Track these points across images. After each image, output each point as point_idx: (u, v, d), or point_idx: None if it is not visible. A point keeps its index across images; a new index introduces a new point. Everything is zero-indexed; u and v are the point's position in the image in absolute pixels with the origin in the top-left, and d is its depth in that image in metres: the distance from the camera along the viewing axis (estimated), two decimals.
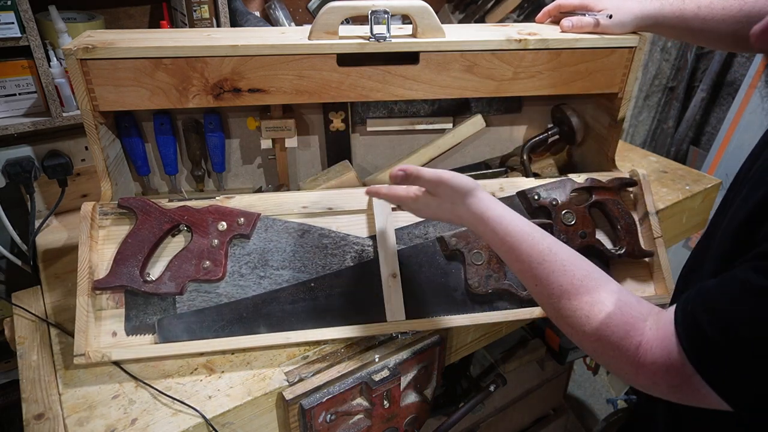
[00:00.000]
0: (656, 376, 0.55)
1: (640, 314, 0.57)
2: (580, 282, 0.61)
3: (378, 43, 0.85)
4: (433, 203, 0.74)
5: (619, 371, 0.59)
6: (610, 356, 0.58)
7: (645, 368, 0.55)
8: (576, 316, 0.60)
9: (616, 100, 0.99)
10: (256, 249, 0.86)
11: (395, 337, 0.85)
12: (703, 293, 0.54)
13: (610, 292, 0.60)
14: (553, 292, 0.62)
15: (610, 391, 2.07)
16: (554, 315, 0.64)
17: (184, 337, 0.81)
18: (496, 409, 1.41)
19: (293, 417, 0.79)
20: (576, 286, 0.61)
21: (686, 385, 0.53)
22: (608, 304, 0.59)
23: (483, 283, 0.88)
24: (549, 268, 0.63)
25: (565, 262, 0.63)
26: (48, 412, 0.74)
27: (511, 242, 0.66)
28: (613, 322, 0.58)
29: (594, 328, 0.58)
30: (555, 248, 0.64)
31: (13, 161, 1.04)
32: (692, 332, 0.52)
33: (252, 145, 1.05)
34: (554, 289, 0.62)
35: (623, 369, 0.58)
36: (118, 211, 0.85)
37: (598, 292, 0.60)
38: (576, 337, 0.62)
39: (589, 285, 0.61)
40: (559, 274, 0.62)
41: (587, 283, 0.61)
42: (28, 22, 0.94)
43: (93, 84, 0.81)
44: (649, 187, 0.98)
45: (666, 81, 2.47)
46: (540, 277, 0.64)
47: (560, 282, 0.62)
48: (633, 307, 0.58)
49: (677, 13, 0.90)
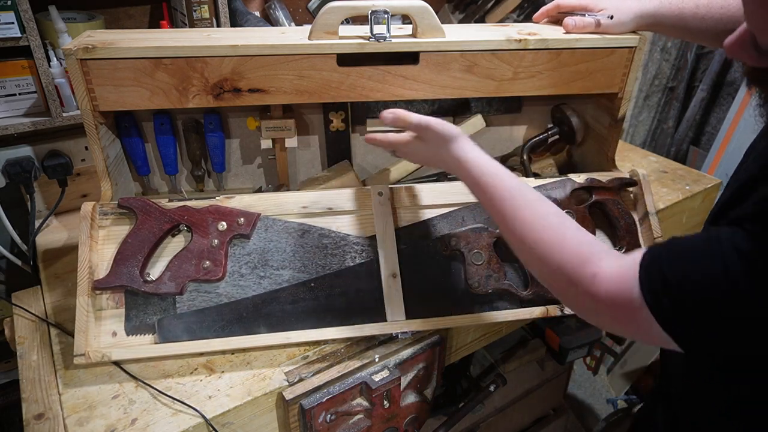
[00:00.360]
0: (606, 306, 0.59)
1: (597, 250, 0.62)
2: (544, 218, 0.67)
3: (378, 43, 0.85)
4: (421, 147, 0.81)
5: (573, 300, 0.64)
6: (566, 285, 0.63)
7: (597, 297, 0.59)
8: (538, 248, 0.65)
9: (616, 100, 0.99)
10: (256, 249, 0.86)
11: (395, 337, 0.85)
12: (674, 239, 0.58)
13: (570, 228, 0.66)
14: (518, 225, 0.68)
15: (610, 391, 2.07)
16: (518, 248, 0.69)
17: (184, 337, 0.81)
18: (496, 409, 1.41)
19: (293, 417, 0.79)
20: (539, 222, 0.67)
21: (632, 318, 0.57)
22: (568, 238, 0.64)
23: (483, 283, 0.88)
24: (516, 204, 0.69)
25: (531, 200, 0.69)
26: (48, 412, 0.74)
27: (485, 182, 0.72)
28: (571, 253, 0.63)
29: (554, 258, 0.63)
30: (523, 189, 0.70)
31: (13, 161, 1.04)
32: (651, 270, 0.56)
33: (252, 145, 1.05)
34: (518, 222, 0.68)
35: (576, 298, 0.62)
36: (118, 211, 0.85)
37: (559, 228, 0.65)
38: (537, 267, 0.67)
39: (552, 221, 0.66)
40: (524, 210, 0.68)
41: (551, 219, 0.67)
42: (28, 22, 0.94)
43: (93, 84, 0.81)
44: (649, 187, 0.98)
45: (666, 81, 2.47)
46: (507, 213, 0.69)
47: (525, 216, 0.68)
48: (591, 243, 0.64)
49: (676, 12, 0.90)
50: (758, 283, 0.49)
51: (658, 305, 0.54)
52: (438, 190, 0.93)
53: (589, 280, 0.60)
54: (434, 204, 0.93)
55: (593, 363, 2.11)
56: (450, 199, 0.93)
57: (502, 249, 0.91)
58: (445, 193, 0.93)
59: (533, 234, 0.66)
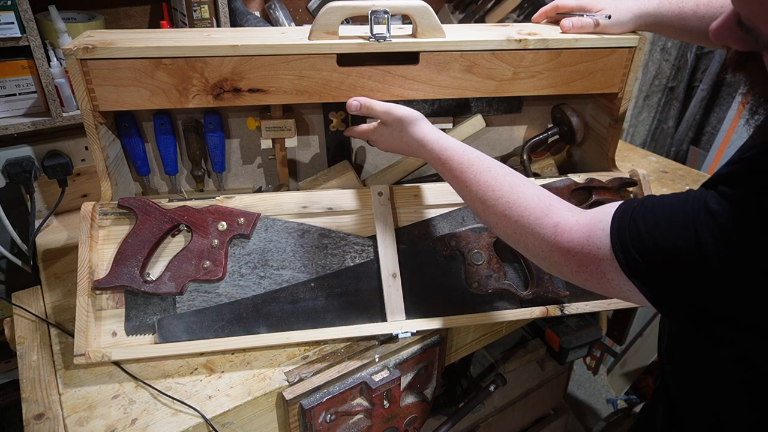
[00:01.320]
0: (569, 254, 0.61)
1: (557, 202, 0.65)
2: (503, 178, 0.70)
3: (378, 43, 0.85)
4: (386, 132, 0.85)
5: (536, 252, 0.66)
6: (528, 234, 0.65)
7: (559, 246, 0.61)
8: (499, 205, 0.68)
9: (616, 100, 0.99)
10: (256, 249, 0.86)
11: (395, 337, 0.85)
12: (649, 197, 0.59)
13: (529, 185, 0.68)
14: (480, 188, 0.71)
15: (610, 391, 2.07)
16: (482, 211, 0.71)
17: (184, 337, 0.81)
18: (496, 409, 1.41)
19: (293, 417, 0.79)
20: (500, 181, 0.70)
21: (595, 268, 0.59)
22: (527, 193, 0.67)
23: (483, 283, 0.88)
24: (476, 169, 0.72)
25: (490, 165, 0.72)
26: (48, 412, 0.74)
27: (446, 156, 0.76)
28: (531, 206, 0.65)
29: (515, 212, 0.66)
30: (482, 156, 0.74)
31: (13, 161, 1.04)
32: (624, 225, 0.57)
33: (252, 145, 1.05)
34: (480, 185, 0.71)
35: (539, 248, 0.64)
36: (118, 211, 0.85)
37: (518, 186, 0.68)
38: (500, 225, 0.69)
39: (511, 180, 0.70)
40: (484, 174, 0.71)
41: (510, 178, 0.70)
42: (28, 22, 0.94)
43: (93, 84, 0.81)
44: (649, 187, 0.98)
45: (666, 81, 2.47)
46: (469, 179, 0.72)
47: (486, 179, 0.71)
48: (551, 198, 0.66)
49: (676, 12, 0.90)
50: (727, 242, 0.50)
51: (629, 260, 0.55)
52: (438, 190, 0.93)
53: (552, 230, 0.62)
54: (434, 204, 0.93)
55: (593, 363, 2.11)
56: (450, 199, 0.93)
57: (502, 249, 0.91)
58: (445, 193, 0.93)
59: (494, 193, 0.69)
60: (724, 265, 0.50)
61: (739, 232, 0.50)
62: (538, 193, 0.67)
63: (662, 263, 0.54)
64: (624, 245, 0.56)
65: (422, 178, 1.11)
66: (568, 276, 0.63)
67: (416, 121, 0.81)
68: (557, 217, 0.63)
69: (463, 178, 0.73)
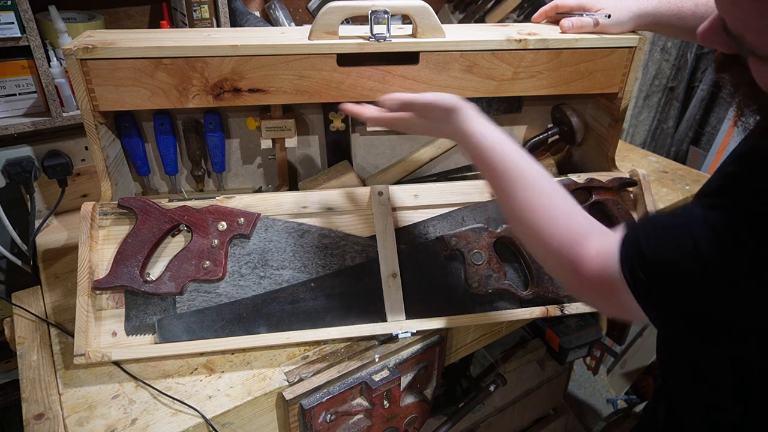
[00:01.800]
0: (589, 283, 0.60)
1: (588, 229, 0.63)
2: (541, 196, 0.67)
3: (378, 43, 0.85)
4: (423, 122, 0.79)
5: (561, 276, 0.65)
6: (553, 260, 0.65)
7: (582, 275, 0.61)
8: (534, 226, 0.66)
9: (616, 100, 0.99)
10: (256, 249, 0.86)
11: (395, 337, 0.85)
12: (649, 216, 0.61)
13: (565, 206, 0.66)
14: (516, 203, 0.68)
15: (610, 391, 2.07)
16: (514, 224, 0.70)
17: (184, 337, 0.81)
18: (496, 409, 1.41)
19: (293, 417, 0.79)
20: (536, 199, 0.67)
21: (613, 295, 0.58)
22: (560, 218, 0.65)
23: (483, 283, 0.88)
24: (514, 178, 0.69)
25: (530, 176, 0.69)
26: (48, 412, 0.74)
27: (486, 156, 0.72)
28: (561, 233, 0.64)
29: (545, 234, 0.65)
30: (524, 164, 0.70)
31: (13, 161, 1.04)
32: (629, 246, 0.57)
33: (252, 145, 1.05)
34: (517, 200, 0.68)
35: (565, 274, 0.64)
36: (118, 211, 0.85)
37: (553, 210, 0.66)
38: (529, 242, 0.68)
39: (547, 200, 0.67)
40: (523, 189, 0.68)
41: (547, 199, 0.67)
42: (28, 22, 0.94)
43: (93, 84, 0.81)
44: (649, 187, 0.98)
45: (666, 81, 2.47)
46: (506, 189, 0.70)
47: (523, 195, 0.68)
48: (583, 222, 0.64)
49: (675, 11, 0.90)
50: (723, 252, 0.51)
51: (634, 279, 0.56)
52: (438, 190, 0.93)
53: (576, 260, 0.61)
54: (434, 204, 0.93)
55: (593, 363, 2.11)
56: (450, 199, 0.93)
57: (502, 249, 0.91)
58: (445, 193, 0.93)
59: (529, 213, 0.67)
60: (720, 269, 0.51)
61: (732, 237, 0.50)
62: (571, 217, 0.65)
63: (662, 275, 0.54)
64: (631, 267, 0.56)
65: (422, 178, 1.11)
66: (593, 305, 0.64)
67: (458, 110, 0.75)
68: (583, 247, 0.62)
69: (500, 185, 0.70)
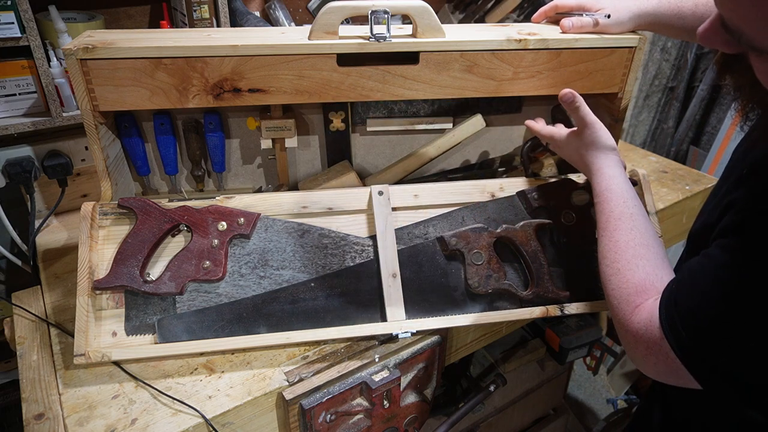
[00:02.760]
0: (637, 339, 0.61)
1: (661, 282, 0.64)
2: (635, 243, 0.70)
3: (378, 43, 0.85)
4: (574, 142, 0.87)
5: (617, 326, 0.66)
6: (615, 305, 0.66)
7: (632, 330, 0.62)
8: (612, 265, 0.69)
9: (616, 100, 0.99)
10: (256, 249, 0.86)
11: (395, 337, 0.85)
12: (684, 271, 0.59)
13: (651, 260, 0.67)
14: (609, 242, 0.72)
15: (610, 391, 2.07)
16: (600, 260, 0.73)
17: (184, 337, 0.81)
18: (496, 409, 1.41)
19: (293, 417, 0.79)
20: (628, 245, 0.70)
21: (660, 353, 0.58)
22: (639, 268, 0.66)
23: (483, 283, 0.88)
24: (619, 223, 0.73)
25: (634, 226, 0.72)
26: (48, 412, 0.74)
27: (606, 196, 0.77)
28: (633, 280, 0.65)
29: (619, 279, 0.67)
30: (636, 215, 0.73)
31: (13, 161, 1.04)
32: (668, 303, 0.58)
33: (252, 145, 1.05)
34: (612, 239, 0.72)
35: (619, 325, 0.65)
36: (118, 211, 0.85)
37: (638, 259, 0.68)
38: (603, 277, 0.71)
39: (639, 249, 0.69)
40: (623, 232, 0.71)
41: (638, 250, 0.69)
42: (28, 22, 0.94)
43: (93, 84, 0.81)
44: (649, 187, 0.98)
45: (666, 81, 2.47)
46: (609, 228, 0.73)
47: (618, 237, 0.71)
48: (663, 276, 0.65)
49: (675, 11, 0.90)
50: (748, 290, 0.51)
51: (676, 337, 0.55)
52: (438, 190, 0.93)
53: (630, 312, 0.62)
54: (434, 204, 0.92)
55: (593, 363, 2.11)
56: (450, 199, 0.93)
57: (502, 249, 0.91)
58: (445, 193, 0.93)
59: (615, 254, 0.70)
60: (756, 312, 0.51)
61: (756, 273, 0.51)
62: (652, 269, 0.66)
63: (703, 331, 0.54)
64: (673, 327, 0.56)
65: (422, 178, 1.11)
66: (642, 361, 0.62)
67: (607, 150, 0.83)
68: (641, 299, 0.63)
69: (606, 225, 0.74)
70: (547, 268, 0.89)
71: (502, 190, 0.95)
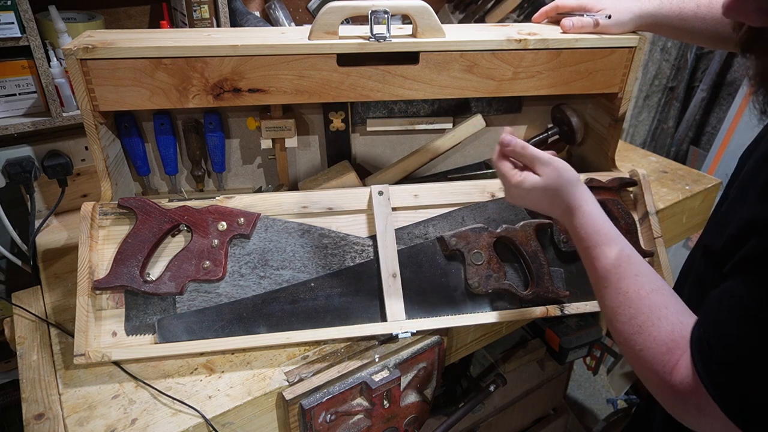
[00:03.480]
0: (686, 403, 0.54)
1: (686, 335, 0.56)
2: (646, 294, 0.60)
3: (378, 43, 0.85)
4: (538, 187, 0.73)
5: (655, 391, 0.58)
6: (647, 368, 0.58)
7: (679, 394, 0.55)
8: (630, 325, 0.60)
9: (616, 100, 0.99)
10: (256, 249, 0.86)
11: (395, 337, 0.85)
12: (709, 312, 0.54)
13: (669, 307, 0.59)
14: (617, 298, 0.62)
15: (610, 391, 2.07)
16: (609, 318, 0.63)
17: (184, 337, 0.81)
18: (496, 409, 1.41)
19: (293, 417, 0.79)
20: (640, 298, 0.60)
21: (709, 407, 0.52)
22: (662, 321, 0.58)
23: (483, 283, 0.88)
24: (621, 273, 0.63)
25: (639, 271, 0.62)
26: (48, 412, 0.74)
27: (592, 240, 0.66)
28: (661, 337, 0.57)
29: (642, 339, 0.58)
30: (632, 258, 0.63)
31: (13, 161, 1.04)
32: (703, 354, 0.52)
33: (252, 145, 1.05)
34: (619, 295, 0.62)
35: (658, 390, 0.57)
36: (118, 211, 0.85)
37: (657, 310, 0.59)
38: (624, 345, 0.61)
39: (653, 298, 0.60)
40: (628, 281, 0.62)
41: (652, 298, 0.60)
42: (28, 22, 0.94)
43: (93, 84, 0.81)
44: (649, 187, 0.98)
45: (666, 81, 2.47)
46: (609, 283, 0.63)
47: (626, 289, 0.61)
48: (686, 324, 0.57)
49: (677, 12, 0.90)
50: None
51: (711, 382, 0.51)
52: (438, 190, 0.93)
53: (669, 374, 0.56)
54: (434, 204, 0.92)
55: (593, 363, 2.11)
56: (450, 199, 0.93)
57: (502, 249, 0.91)
58: (445, 193, 0.93)
59: (629, 310, 0.61)
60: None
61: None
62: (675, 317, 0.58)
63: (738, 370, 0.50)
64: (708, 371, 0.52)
65: (422, 178, 1.11)
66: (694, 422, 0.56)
67: (576, 184, 0.71)
68: (676, 356, 0.56)
69: (607, 275, 0.64)
70: (547, 268, 0.89)
71: (502, 190, 0.95)
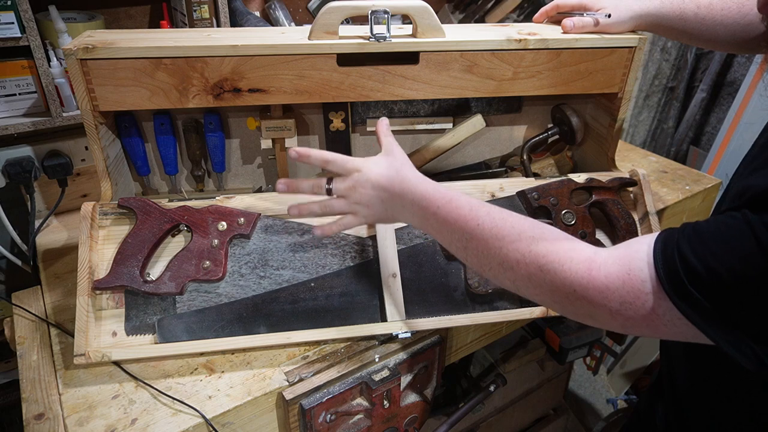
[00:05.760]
0: (608, 291, 0.55)
1: (586, 245, 0.59)
2: (518, 216, 0.63)
3: (378, 43, 0.85)
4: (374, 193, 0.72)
5: (564, 290, 0.58)
6: (557, 273, 0.58)
7: (596, 282, 0.55)
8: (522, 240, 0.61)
9: (616, 100, 0.99)
10: (256, 249, 0.86)
11: (395, 337, 0.85)
12: (689, 225, 0.54)
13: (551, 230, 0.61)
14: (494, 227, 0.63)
15: (610, 391, 2.08)
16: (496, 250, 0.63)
17: (184, 337, 0.81)
18: (496, 409, 1.41)
19: (293, 417, 0.79)
20: (517, 218, 0.63)
21: (641, 303, 0.53)
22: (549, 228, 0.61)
23: (483, 283, 0.88)
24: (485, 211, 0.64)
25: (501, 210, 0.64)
26: (48, 412, 0.74)
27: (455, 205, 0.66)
28: (558, 238, 0.59)
29: (541, 247, 0.59)
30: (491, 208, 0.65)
31: (13, 161, 1.04)
32: (670, 257, 0.52)
33: (252, 145, 1.05)
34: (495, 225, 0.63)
35: (569, 286, 0.57)
36: (118, 211, 0.85)
37: (538, 224, 0.62)
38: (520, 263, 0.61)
39: (528, 219, 0.63)
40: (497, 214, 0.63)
41: (527, 220, 0.63)
42: (28, 22, 0.94)
43: (93, 84, 0.81)
44: (649, 187, 0.98)
45: (666, 81, 2.47)
46: (478, 221, 0.64)
47: (501, 216, 0.63)
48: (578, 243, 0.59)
49: (677, 13, 0.90)
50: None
51: (686, 299, 0.50)
52: None
53: (586, 265, 0.56)
54: None
55: (593, 363, 2.11)
56: None
57: None
58: None
59: (513, 228, 0.62)
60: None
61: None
62: (558, 230, 0.61)
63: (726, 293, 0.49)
64: (676, 282, 0.51)
65: None
66: (605, 318, 0.56)
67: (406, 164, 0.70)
68: (588, 251, 0.57)
69: (466, 222, 0.64)
70: None
71: (502, 190, 0.95)
